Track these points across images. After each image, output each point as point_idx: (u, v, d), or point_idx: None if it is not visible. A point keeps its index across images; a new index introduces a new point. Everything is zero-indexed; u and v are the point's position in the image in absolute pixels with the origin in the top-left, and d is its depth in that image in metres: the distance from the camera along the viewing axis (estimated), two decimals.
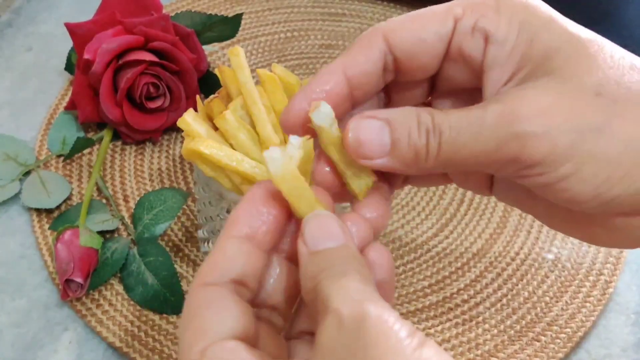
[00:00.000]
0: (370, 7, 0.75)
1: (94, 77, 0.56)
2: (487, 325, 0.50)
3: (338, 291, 0.23)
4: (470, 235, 0.55)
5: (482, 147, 0.25)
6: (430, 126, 0.26)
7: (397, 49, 0.28)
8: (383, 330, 0.22)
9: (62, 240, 0.50)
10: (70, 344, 0.49)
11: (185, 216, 0.56)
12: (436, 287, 0.52)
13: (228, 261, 0.26)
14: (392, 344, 0.22)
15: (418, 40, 0.28)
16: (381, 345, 0.22)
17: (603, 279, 0.52)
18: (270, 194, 0.27)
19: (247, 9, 0.75)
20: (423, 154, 0.26)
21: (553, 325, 0.50)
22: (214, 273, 0.26)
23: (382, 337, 0.22)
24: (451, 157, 0.26)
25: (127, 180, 0.58)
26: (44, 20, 0.74)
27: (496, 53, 0.27)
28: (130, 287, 0.50)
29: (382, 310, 0.23)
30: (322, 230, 0.26)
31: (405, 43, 0.28)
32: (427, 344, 0.22)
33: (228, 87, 0.47)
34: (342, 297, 0.23)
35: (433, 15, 0.28)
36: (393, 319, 0.23)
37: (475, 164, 0.26)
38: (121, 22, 0.58)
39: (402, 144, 0.26)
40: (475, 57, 0.27)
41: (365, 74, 0.29)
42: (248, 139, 0.45)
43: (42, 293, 0.51)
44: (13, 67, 0.69)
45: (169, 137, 0.62)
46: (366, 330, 0.22)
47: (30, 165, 0.58)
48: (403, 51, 0.28)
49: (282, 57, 0.70)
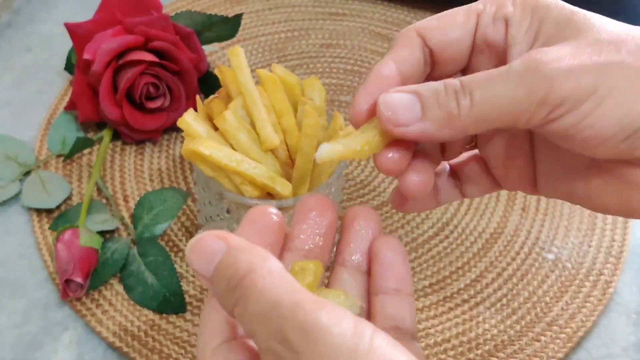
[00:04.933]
0: (371, 6, 0.75)
1: (94, 77, 0.56)
2: (487, 325, 0.50)
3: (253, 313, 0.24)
4: (471, 235, 0.55)
5: (513, 94, 0.27)
6: (459, 87, 0.28)
7: (431, 42, 0.31)
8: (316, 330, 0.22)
9: (62, 240, 0.50)
10: (70, 343, 0.49)
11: (185, 216, 0.56)
12: (436, 287, 0.52)
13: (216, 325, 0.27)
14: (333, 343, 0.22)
15: (448, 33, 0.31)
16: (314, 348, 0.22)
17: (603, 278, 0.52)
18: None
19: (247, 8, 0.75)
20: (455, 112, 0.28)
21: (553, 325, 0.50)
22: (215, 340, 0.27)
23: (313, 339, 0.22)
24: (484, 111, 0.27)
25: (127, 180, 0.58)
26: (44, 20, 0.74)
27: (515, 34, 0.30)
28: (130, 287, 0.50)
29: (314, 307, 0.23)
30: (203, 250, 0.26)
31: (437, 36, 0.31)
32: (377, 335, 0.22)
33: (228, 87, 0.47)
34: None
35: (458, 12, 0.31)
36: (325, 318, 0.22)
37: (508, 114, 0.27)
38: (121, 22, 0.58)
39: (432, 106, 0.28)
40: (498, 42, 0.31)
41: (412, 65, 0.31)
42: (248, 139, 0.45)
43: (42, 293, 0.51)
44: (13, 67, 0.69)
45: (169, 137, 0.62)
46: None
47: (30, 166, 0.58)
48: (436, 44, 0.31)
49: (282, 57, 0.70)
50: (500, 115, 0.27)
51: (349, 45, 0.71)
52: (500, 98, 0.27)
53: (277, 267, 0.24)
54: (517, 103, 0.27)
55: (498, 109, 0.27)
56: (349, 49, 0.71)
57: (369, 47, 0.71)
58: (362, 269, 0.30)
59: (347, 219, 0.31)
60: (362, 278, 0.30)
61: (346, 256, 0.30)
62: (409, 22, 0.73)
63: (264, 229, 0.28)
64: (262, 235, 0.28)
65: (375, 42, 0.71)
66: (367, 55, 0.70)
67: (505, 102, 0.27)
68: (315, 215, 0.29)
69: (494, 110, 0.27)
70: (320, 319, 0.22)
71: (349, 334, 0.22)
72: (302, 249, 0.29)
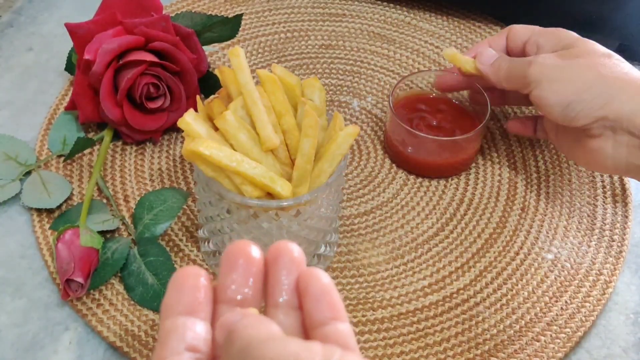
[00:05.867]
0: (370, 7, 0.76)
1: (95, 77, 0.56)
2: (486, 325, 0.50)
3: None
4: (470, 235, 0.56)
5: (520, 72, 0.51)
6: (507, 59, 0.54)
7: (508, 39, 0.56)
8: None
9: (63, 240, 0.50)
10: (70, 343, 0.49)
11: (186, 216, 0.56)
12: (436, 286, 0.52)
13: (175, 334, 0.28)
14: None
15: (515, 38, 0.56)
16: None
17: (603, 278, 0.53)
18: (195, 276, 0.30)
19: (247, 9, 0.75)
20: (500, 67, 0.54)
21: (553, 325, 0.50)
22: (168, 348, 0.28)
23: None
24: (509, 74, 0.53)
25: (127, 180, 0.58)
26: (45, 20, 0.74)
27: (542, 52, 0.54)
28: (130, 287, 0.51)
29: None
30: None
31: (511, 37, 0.56)
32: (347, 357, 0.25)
33: (228, 87, 0.47)
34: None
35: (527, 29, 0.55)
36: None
37: (518, 81, 0.52)
38: (121, 23, 0.58)
39: (496, 61, 0.54)
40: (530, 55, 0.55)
41: (498, 45, 0.56)
42: (248, 139, 0.45)
43: (43, 293, 0.51)
44: (14, 67, 0.69)
45: (169, 137, 0.62)
46: None
47: (31, 166, 0.58)
48: (509, 41, 0.56)
49: (282, 58, 0.70)
50: (515, 80, 0.52)
51: (348, 46, 0.71)
52: (516, 71, 0.52)
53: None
54: (521, 76, 0.51)
55: (514, 76, 0.52)
56: (349, 49, 0.71)
57: (368, 47, 0.71)
58: (294, 305, 0.30)
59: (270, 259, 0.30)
60: (296, 314, 0.30)
61: (277, 297, 0.30)
62: (408, 22, 0.73)
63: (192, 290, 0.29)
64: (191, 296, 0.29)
65: (375, 42, 0.71)
66: (366, 56, 0.70)
67: (517, 74, 0.52)
68: (242, 262, 0.30)
69: (512, 75, 0.52)
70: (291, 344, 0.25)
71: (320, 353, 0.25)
72: (234, 299, 0.30)
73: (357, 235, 0.56)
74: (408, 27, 0.73)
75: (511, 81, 0.52)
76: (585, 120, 0.48)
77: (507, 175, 0.60)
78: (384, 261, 0.54)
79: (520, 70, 0.51)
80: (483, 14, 0.75)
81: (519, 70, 0.51)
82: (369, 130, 0.63)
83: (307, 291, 0.29)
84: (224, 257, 0.30)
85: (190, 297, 0.29)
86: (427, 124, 0.59)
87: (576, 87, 0.48)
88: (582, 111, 0.48)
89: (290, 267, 0.30)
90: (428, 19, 0.74)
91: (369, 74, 0.68)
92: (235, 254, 0.30)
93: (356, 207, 0.58)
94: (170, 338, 0.28)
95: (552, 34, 0.53)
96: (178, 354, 0.27)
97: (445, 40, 0.71)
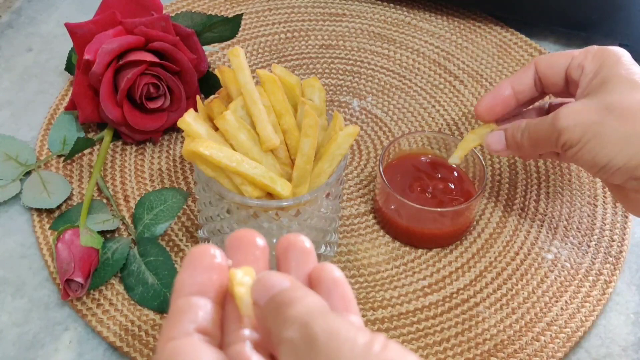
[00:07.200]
0: (370, 7, 0.76)
1: (94, 77, 0.56)
2: (486, 325, 0.50)
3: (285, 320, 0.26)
4: (470, 235, 0.56)
5: (544, 135, 0.48)
6: (523, 127, 0.49)
7: (540, 73, 0.51)
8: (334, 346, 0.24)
9: (63, 240, 0.50)
10: (70, 343, 0.49)
11: (186, 216, 0.56)
12: (436, 286, 0.52)
13: (187, 314, 0.28)
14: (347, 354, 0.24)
15: (551, 67, 0.51)
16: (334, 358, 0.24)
17: (603, 278, 0.53)
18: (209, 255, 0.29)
19: (247, 9, 0.75)
20: (520, 142, 0.50)
21: (553, 325, 0.50)
22: (177, 328, 0.27)
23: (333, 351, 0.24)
24: (533, 142, 0.49)
25: (127, 180, 0.58)
26: (44, 20, 0.74)
27: (583, 80, 0.49)
28: (130, 287, 0.51)
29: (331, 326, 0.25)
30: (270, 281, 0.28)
31: (543, 68, 0.51)
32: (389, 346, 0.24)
33: (228, 87, 0.47)
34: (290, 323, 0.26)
35: (561, 55, 0.51)
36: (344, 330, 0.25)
37: (545, 145, 0.48)
38: (121, 23, 0.58)
39: (509, 139, 0.51)
40: (576, 80, 0.49)
41: (525, 84, 0.52)
42: (248, 140, 0.45)
43: (43, 293, 0.51)
44: (13, 67, 0.69)
45: (170, 138, 0.62)
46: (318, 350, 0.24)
47: (31, 166, 0.58)
48: (543, 73, 0.51)
49: (282, 58, 0.70)
50: (541, 145, 0.48)
51: (348, 46, 0.71)
52: (539, 136, 0.48)
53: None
54: (547, 139, 0.48)
55: (540, 141, 0.48)
56: (349, 49, 0.71)
57: (368, 47, 0.71)
58: None
59: (280, 250, 0.30)
60: None
61: None
62: (408, 22, 0.73)
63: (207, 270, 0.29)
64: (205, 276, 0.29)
65: (375, 42, 0.72)
66: (366, 56, 0.70)
67: (542, 138, 0.48)
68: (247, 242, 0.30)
69: (538, 142, 0.49)
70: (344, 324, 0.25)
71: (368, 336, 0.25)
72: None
73: (357, 235, 0.56)
74: (408, 27, 0.73)
75: (539, 146, 0.49)
76: (621, 179, 0.46)
77: (507, 175, 0.60)
78: (384, 261, 0.54)
79: (546, 132, 0.47)
80: (483, 14, 0.75)
81: (544, 132, 0.47)
82: (369, 130, 0.63)
83: (319, 283, 0.29)
84: (229, 241, 0.30)
85: (205, 277, 0.29)
86: (423, 190, 0.54)
87: (610, 149, 0.45)
88: (618, 171, 0.46)
89: (300, 258, 0.30)
90: (428, 19, 0.74)
91: (369, 74, 0.68)
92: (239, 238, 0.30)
93: (356, 207, 0.58)
94: (182, 318, 0.27)
95: (595, 55, 0.48)
96: (188, 335, 0.27)
97: (445, 41, 0.71)
